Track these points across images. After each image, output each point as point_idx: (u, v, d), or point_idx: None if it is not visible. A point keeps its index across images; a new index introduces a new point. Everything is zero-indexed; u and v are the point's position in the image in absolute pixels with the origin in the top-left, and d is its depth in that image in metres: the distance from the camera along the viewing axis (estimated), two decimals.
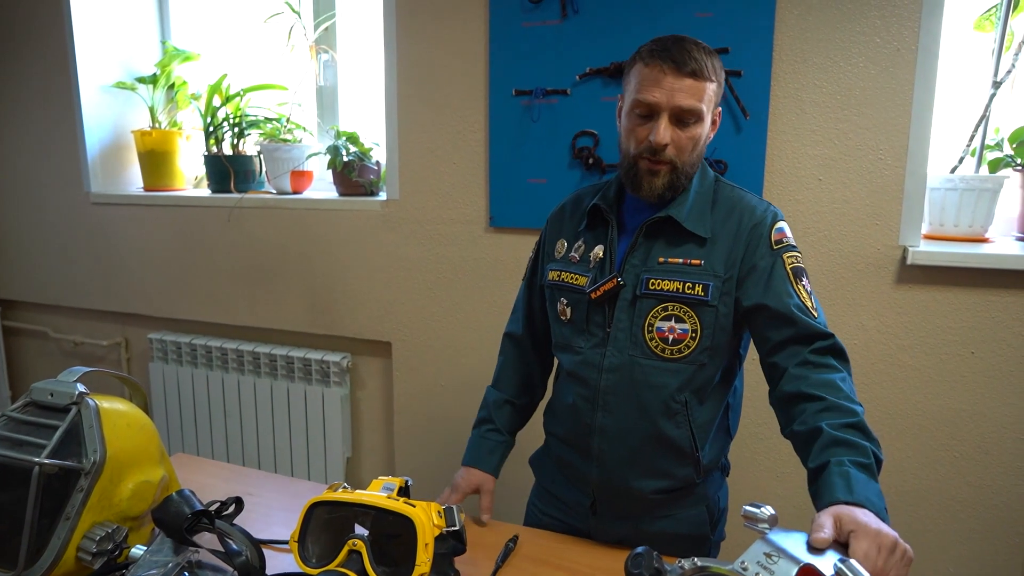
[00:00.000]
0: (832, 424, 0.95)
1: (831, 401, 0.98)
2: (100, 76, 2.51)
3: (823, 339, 1.06)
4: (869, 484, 0.87)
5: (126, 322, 2.69)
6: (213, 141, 2.43)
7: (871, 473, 0.90)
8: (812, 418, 0.98)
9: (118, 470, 0.97)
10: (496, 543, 1.17)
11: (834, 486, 0.87)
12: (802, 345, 1.06)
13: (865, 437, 0.94)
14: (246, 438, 2.45)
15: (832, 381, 1.01)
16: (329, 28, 2.35)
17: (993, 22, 1.67)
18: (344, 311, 2.28)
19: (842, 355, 1.06)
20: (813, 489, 0.93)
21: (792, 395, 1.03)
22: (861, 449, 0.92)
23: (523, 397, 1.41)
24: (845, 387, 1.01)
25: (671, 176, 1.12)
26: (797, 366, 1.05)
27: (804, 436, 0.98)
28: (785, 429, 1.05)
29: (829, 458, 0.91)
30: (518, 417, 1.41)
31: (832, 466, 0.90)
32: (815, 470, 0.93)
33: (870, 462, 0.91)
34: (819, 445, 0.94)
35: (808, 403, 1.00)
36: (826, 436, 0.94)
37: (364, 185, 2.25)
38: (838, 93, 1.66)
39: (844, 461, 0.90)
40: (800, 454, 1.00)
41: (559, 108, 1.88)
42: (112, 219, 2.56)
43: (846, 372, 1.04)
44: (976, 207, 1.68)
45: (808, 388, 1.01)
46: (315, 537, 0.97)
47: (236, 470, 1.47)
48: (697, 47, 1.09)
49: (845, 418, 0.96)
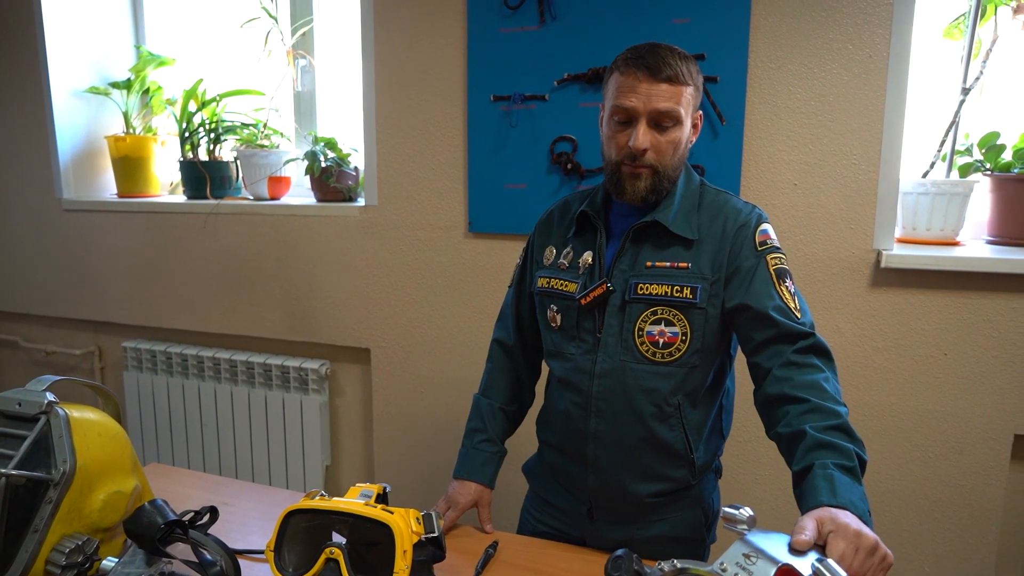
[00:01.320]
0: (816, 426, 0.96)
1: (815, 403, 0.99)
2: (72, 81, 2.47)
3: (804, 338, 1.06)
4: (853, 487, 0.88)
5: (100, 330, 2.65)
6: (189, 147, 2.40)
7: (855, 476, 0.90)
8: (796, 420, 0.99)
9: (89, 481, 0.95)
10: (476, 549, 1.16)
11: (818, 489, 0.88)
12: (784, 345, 1.07)
13: (849, 439, 0.95)
14: (223, 447, 2.42)
15: (816, 382, 1.02)
16: (307, 33, 2.34)
17: (962, 30, 1.71)
18: (322, 318, 2.26)
19: (825, 353, 1.07)
20: (798, 492, 0.93)
21: (776, 397, 1.04)
22: (845, 452, 0.92)
23: (514, 404, 1.40)
24: (829, 388, 1.01)
25: (653, 179, 1.13)
26: (781, 367, 1.05)
27: (788, 438, 0.99)
28: (769, 431, 1.06)
29: (813, 461, 0.92)
30: (510, 425, 1.40)
31: (816, 469, 0.91)
32: (799, 473, 0.94)
33: (854, 464, 0.91)
34: (803, 448, 0.95)
35: (792, 405, 1.01)
36: (810, 439, 0.95)
37: (342, 191, 2.23)
38: (812, 99, 1.69)
39: (828, 464, 0.90)
40: (785, 456, 1.01)
41: (537, 114, 1.88)
42: (85, 226, 2.52)
43: (829, 372, 1.05)
44: (947, 211, 1.71)
45: (791, 390, 1.02)
46: (291, 546, 0.95)
47: (212, 479, 1.45)
48: (672, 53, 1.10)
49: (829, 420, 0.97)
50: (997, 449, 1.67)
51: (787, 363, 1.05)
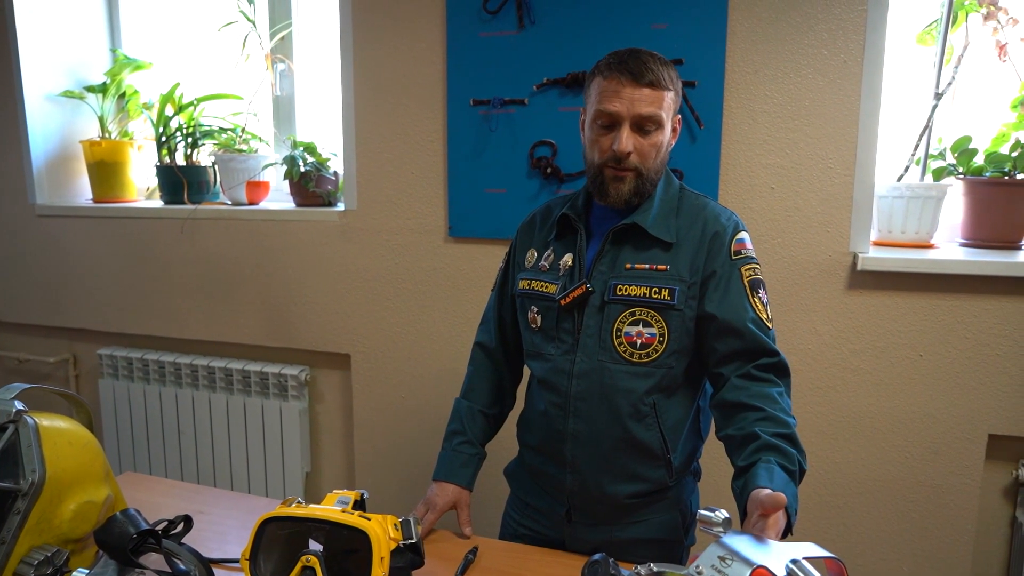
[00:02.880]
0: (766, 431, 1.03)
1: (768, 412, 1.06)
2: (46, 84, 2.43)
3: (769, 356, 1.12)
4: (788, 484, 0.96)
5: (74, 338, 2.60)
6: (166, 151, 2.38)
7: (793, 477, 0.99)
8: (750, 425, 1.06)
9: (59, 490, 0.93)
10: (455, 555, 1.16)
11: (758, 476, 0.96)
12: (747, 359, 1.12)
13: (794, 446, 1.03)
14: (201, 455, 2.38)
15: (771, 395, 1.08)
16: (285, 37, 2.32)
17: (934, 36, 1.73)
18: (302, 323, 2.24)
19: (784, 372, 1.13)
20: (738, 484, 1.01)
21: (733, 403, 1.10)
22: (789, 456, 1.00)
23: (495, 407, 1.40)
24: (782, 401, 1.08)
25: (637, 182, 1.16)
26: (739, 377, 1.11)
27: (739, 440, 1.06)
28: (720, 432, 1.12)
29: (759, 458, 1.00)
30: (490, 428, 1.40)
31: (760, 463, 0.99)
32: (743, 468, 1.02)
33: (794, 469, 1.00)
34: (752, 448, 1.03)
35: (748, 412, 1.08)
36: (760, 441, 1.02)
37: (322, 195, 2.22)
38: (789, 104, 1.70)
39: (772, 461, 0.99)
40: (731, 455, 1.08)
41: (517, 118, 1.88)
42: (59, 231, 2.48)
43: (784, 388, 1.11)
44: (922, 214, 1.73)
45: (748, 399, 1.08)
46: (268, 554, 0.94)
47: (188, 488, 1.43)
48: (653, 58, 1.13)
49: (779, 428, 1.04)
50: (972, 449, 1.70)
51: (746, 375, 1.11)
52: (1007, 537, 1.74)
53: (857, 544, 1.80)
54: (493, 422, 1.40)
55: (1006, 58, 1.67)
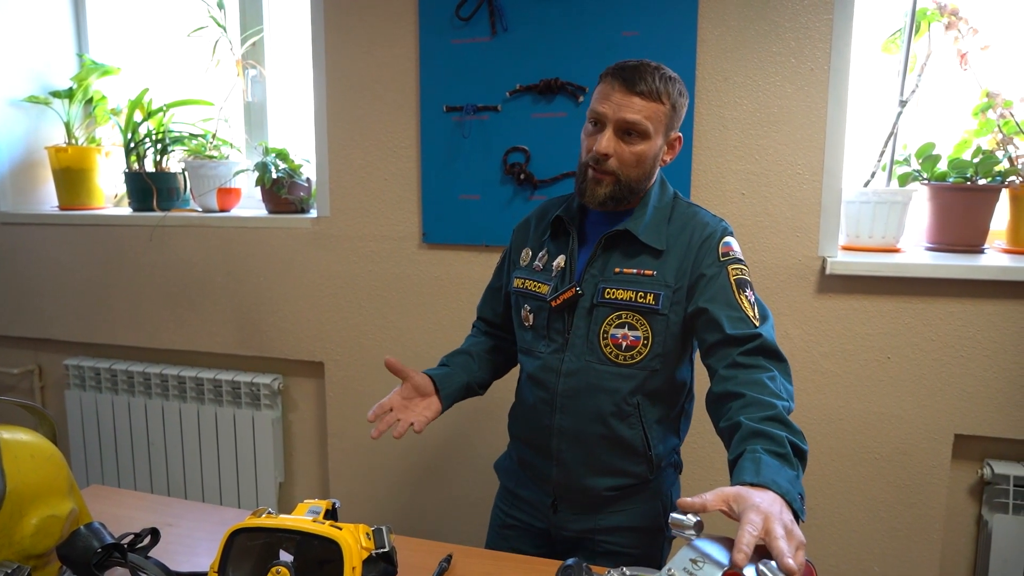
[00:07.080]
0: (751, 418, 0.99)
1: (752, 397, 1.02)
2: (10, 89, 2.38)
3: (751, 340, 1.10)
4: (780, 469, 0.89)
5: (40, 348, 2.55)
6: (134, 158, 2.34)
7: (786, 461, 0.92)
8: (735, 414, 1.03)
9: (20, 505, 0.90)
10: (429, 564, 1.15)
11: (743, 470, 0.90)
12: (732, 347, 1.11)
13: (784, 428, 0.97)
14: (172, 467, 2.34)
15: (759, 380, 1.05)
16: (257, 43, 2.30)
17: (898, 45, 1.77)
18: (274, 331, 2.21)
19: (772, 353, 1.10)
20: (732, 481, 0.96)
21: (720, 395, 1.09)
22: (776, 439, 0.95)
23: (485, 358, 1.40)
24: (772, 384, 1.04)
25: (614, 187, 1.18)
26: (726, 367, 1.10)
27: (727, 432, 1.04)
28: (716, 428, 1.10)
29: (745, 448, 0.95)
30: (475, 366, 1.38)
31: (746, 454, 0.94)
32: (733, 461, 0.97)
33: (785, 451, 0.93)
34: (738, 438, 0.99)
35: (733, 401, 1.05)
36: (745, 429, 0.98)
37: (294, 202, 2.20)
38: (758, 111, 1.73)
39: (758, 449, 0.93)
40: (727, 450, 1.04)
41: (490, 124, 1.88)
42: (23, 239, 2.43)
43: (776, 370, 1.07)
44: (888, 219, 1.76)
45: (734, 387, 1.06)
46: (238, 566, 0.93)
47: (156, 500, 1.40)
48: (653, 71, 1.15)
49: (764, 411, 1.00)
50: (939, 449, 1.73)
51: (733, 364, 1.09)
52: (973, 535, 1.78)
53: (827, 545, 1.83)
54: (480, 362, 1.39)
55: (967, 66, 1.72)
